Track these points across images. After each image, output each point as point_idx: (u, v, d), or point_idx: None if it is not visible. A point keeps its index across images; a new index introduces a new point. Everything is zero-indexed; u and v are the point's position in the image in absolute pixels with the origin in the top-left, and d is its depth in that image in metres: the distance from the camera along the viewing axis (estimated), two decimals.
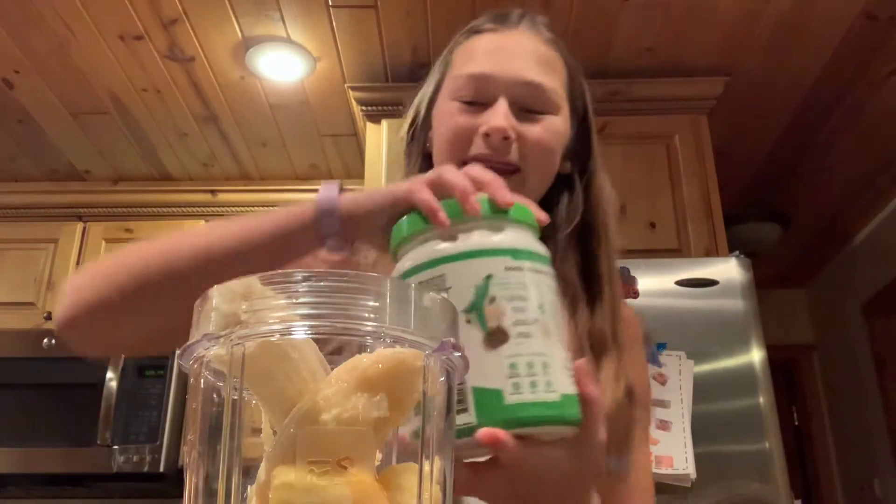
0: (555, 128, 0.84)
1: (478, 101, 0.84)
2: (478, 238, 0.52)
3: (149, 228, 3.06)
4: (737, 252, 2.21)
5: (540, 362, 0.49)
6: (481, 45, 0.88)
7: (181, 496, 0.38)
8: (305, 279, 0.38)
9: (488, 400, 0.47)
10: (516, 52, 0.86)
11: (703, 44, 2.50)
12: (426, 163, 0.90)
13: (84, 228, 3.07)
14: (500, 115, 0.82)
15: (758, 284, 2.14)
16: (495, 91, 0.84)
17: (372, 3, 2.33)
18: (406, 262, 0.54)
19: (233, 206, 3.11)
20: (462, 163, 0.81)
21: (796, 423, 4.18)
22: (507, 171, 0.81)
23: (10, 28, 2.40)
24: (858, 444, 3.81)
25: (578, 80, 0.91)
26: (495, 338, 0.48)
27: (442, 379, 0.41)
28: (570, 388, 0.50)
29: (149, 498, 2.79)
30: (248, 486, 0.38)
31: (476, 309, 0.49)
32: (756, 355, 2.03)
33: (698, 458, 1.88)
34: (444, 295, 0.48)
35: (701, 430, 1.91)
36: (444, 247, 0.52)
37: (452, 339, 0.40)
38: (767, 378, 2.03)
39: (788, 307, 4.24)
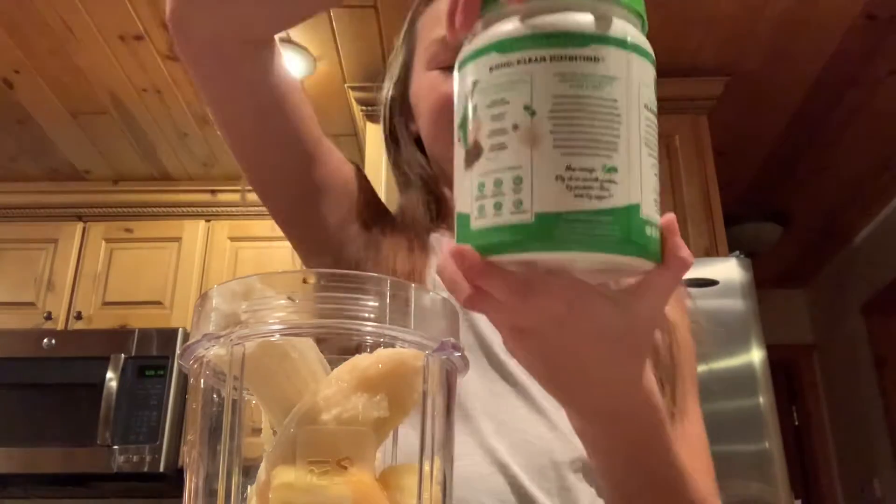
0: None
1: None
2: (479, 35, 0.43)
3: (149, 228, 3.06)
4: (737, 252, 2.21)
5: (511, 178, 0.39)
6: (441, 8, 0.81)
7: (181, 496, 0.39)
8: (305, 279, 0.38)
9: (461, 226, 0.41)
10: None
11: (703, 44, 2.50)
12: (420, 154, 0.87)
13: (84, 228, 3.07)
14: None
15: (758, 284, 2.14)
16: None
17: (372, 3, 2.33)
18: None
19: (233, 206, 3.11)
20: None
21: (796, 423, 4.18)
22: None
23: (10, 28, 2.40)
24: (858, 444, 3.81)
25: None
26: (471, 155, 0.41)
27: (442, 379, 0.41)
28: (555, 205, 0.39)
29: (149, 498, 2.79)
30: (248, 486, 0.38)
31: (463, 125, 0.42)
32: (756, 355, 2.03)
33: None
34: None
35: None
36: (461, 53, 0.44)
37: (452, 339, 0.40)
38: (767, 378, 2.03)
39: (788, 307, 4.24)
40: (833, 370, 4.10)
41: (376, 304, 0.38)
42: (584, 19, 0.42)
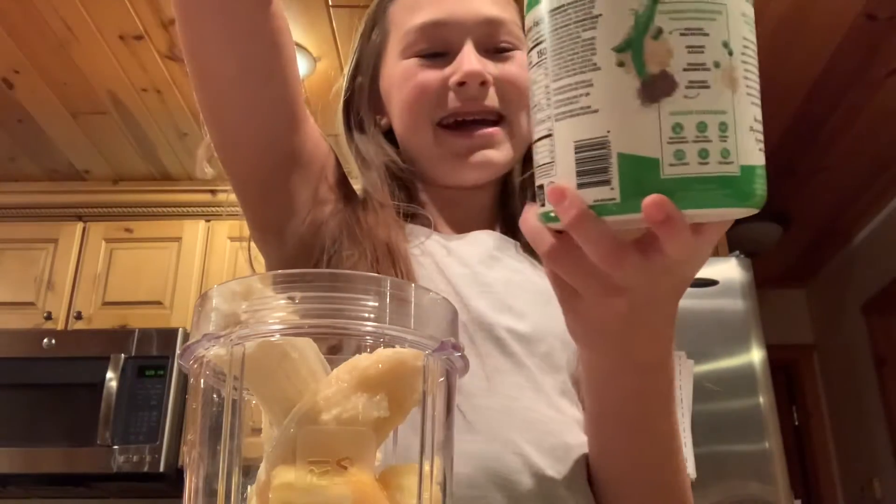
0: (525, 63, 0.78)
1: (437, 52, 0.75)
2: None
3: (149, 228, 3.06)
4: (737, 252, 2.21)
5: (717, 122, 0.35)
6: None
7: (181, 496, 0.39)
8: (305, 279, 0.38)
9: (639, 171, 0.35)
10: None
11: None
12: (389, 145, 0.82)
13: (84, 228, 3.07)
14: (471, 59, 0.73)
15: (758, 284, 2.14)
16: (456, 36, 0.74)
17: (371, 3, 2.33)
18: None
19: (233, 206, 3.11)
20: (436, 125, 0.75)
21: (796, 423, 4.18)
22: (490, 122, 0.74)
23: (10, 28, 2.40)
24: (858, 444, 3.81)
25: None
26: (657, 87, 0.35)
27: (442, 379, 0.41)
28: (753, 158, 0.36)
29: (149, 498, 2.79)
30: (248, 486, 0.38)
31: (633, 47, 0.36)
32: (756, 355, 2.04)
33: (698, 458, 1.88)
34: (591, 28, 0.37)
35: (701, 430, 1.91)
36: None
37: (452, 339, 0.40)
38: (767, 378, 2.03)
39: (788, 307, 4.24)
40: (833, 370, 4.10)
41: (376, 304, 0.38)
42: None
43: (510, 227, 0.81)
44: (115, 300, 2.91)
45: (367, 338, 0.38)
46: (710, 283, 2.10)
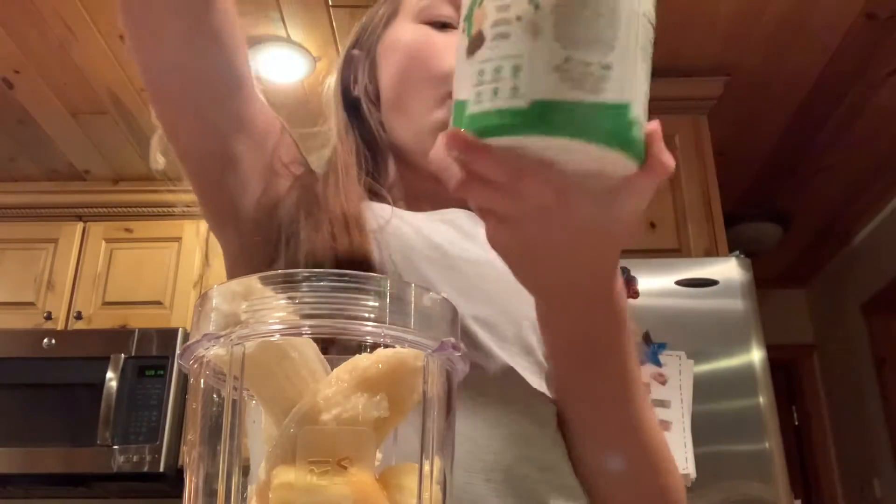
0: None
1: (452, 24, 0.75)
2: None
3: (149, 228, 3.06)
4: (737, 252, 2.21)
5: (511, 66, 0.40)
6: None
7: (181, 496, 0.39)
8: (305, 279, 0.38)
9: (458, 113, 0.42)
10: None
11: (703, 44, 2.50)
12: (365, 111, 0.81)
13: (84, 228, 3.07)
14: None
15: (758, 284, 2.14)
16: None
17: (372, 3, 2.33)
18: None
19: None
20: (431, 87, 0.74)
21: (796, 423, 4.18)
22: None
23: (10, 28, 2.40)
24: (858, 444, 3.81)
25: None
26: (473, 44, 0.42)
27: (442, 379, 0.41)
28: (552, 93, 0.40)
29: (149, 498, 2.79)
30: (248, 486, 0.38)
31: (469, 17, 0.43)
32: (756, 355, 2.04)
33: (698, 458, 1.88)
34: (463, 21, 0.43)
35: (701, 430, 1.91)
36: None
37: (452, 339, 0.40)
38: (767, 378, 2.03)
39: (788, 307, 4.24)
40: (833, 370, 4.10)
41: (376, 304, 0.38)
42: None
43: None
44: (115, 300, 2.91)
45: (367, 338, 0.38)
46: (710, 283, 2.10)
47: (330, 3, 2.33)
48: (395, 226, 0.71)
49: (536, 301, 0.54)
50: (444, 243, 0.71)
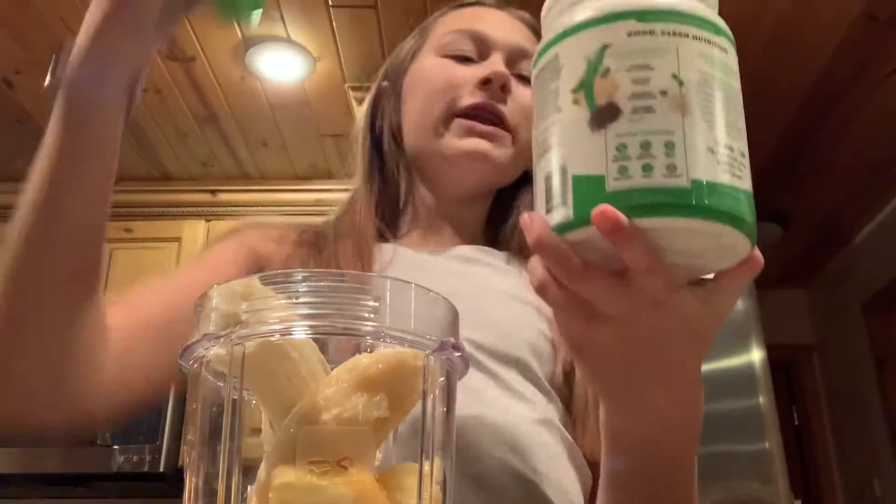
0: None
1: (470, 57, 0.81)
2: (597, 5, 0.42)
3: (149, 228, 3.06)
4: None
5: (662, 141, 0.38)
6: (470, 11, 0.86)
7: (181, 496, 0.38)
8: (305, 279, 0.38)
9: (588, 188, 0.38)
10: (506, 21, 0.84)
11: None
12: (387, 144, 0.85)
13: None
14: (500, 63, 0.79)
15: (758, 284, 2.14)
16: (491, 49, 0.81)
17: (372, 3, 2.33)
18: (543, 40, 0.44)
19: (233, 206, 3.11)
20: (450, 115, 0.78)
21: (796, 423, 4.18)
22: (499, 127, 0.78)
23: (11, 28, 2.40)
24: (858, 444, 3.81)
25: None
26: (603, 115, 0.39)
27: (442, 379, 0.41)
28: (711, 175, 0.39)
29: (149, 498, 2.79)
30: (248, 486, 0.38)
31: (585, 86, 0.40)
32: (756, 355, 2.04)
33: (698, 458, 1.88)
34: (556, 79, 0.41)
35: (701, 430, 1.90)
36: (562, 21, 0.43)
37: (452, 340, 0.40)
38: (767, 378, 2.03)
39: (788, 307, 4.24)
40: (833, 370, 4.10)
41: (376, 304, 0.38)
42: (713, 14, 0.45)
43: (500, 243, 0.83)
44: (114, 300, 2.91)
45: (367, 338, 0.38)
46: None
47: (330, 3, 2.33)
48: (400, 265, 0.75)
49: (607, 405, 0.47)
50: (446, 276, 0.74)
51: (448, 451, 0.41)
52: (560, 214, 0.39)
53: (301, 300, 0.37)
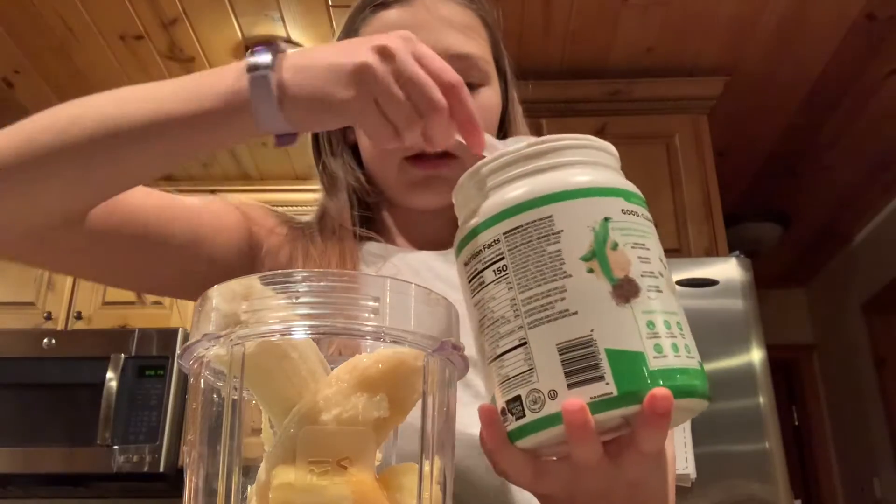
0: (489, 102, 0.77)
1: None
2: (589, 175, 0.43)
3: None
4: (737, 252, 2.21)
5: (675, 322, 0.40)
6: (391, 20, 0.77)
7: (181, 496, 0.38)
8: (305, 279, 0.38)
9: (629, 364, 0.38)
10: (433, 24, 0.75)
11: (703, 44, 2.50)
12: (355, 164, 0.83)
13: None
14: None
15: (758, 284, 2.14)
16: None
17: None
18: (494, 201, 0.44)
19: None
20: (399, 160, 0.75)
21: (796, 423, 4.18)
22: (442, 158, 0.74)
23: (10, 28, 2.40)
24: (858, 444, 3.81)
25: (498, 40, 0.82)
26: (626, 290, 0.40)
27: (442, 379, 0.41)
28: (702, 357, 0.42)
29: (149, 498, 2.79)
30: (248, 486, 0.38)
31: (598, 256, 0.40)
32: (756, 355, 2.03)
33: (698, 458, 1.88)
34: (555, 242, 0.41)
35: (701, 430, 1.90)
36: (550, 182, 0.43)
37: (452, 340, 0.40)
38: (767, 378, 2.03)
39: (788, 307, 4.24)
40: (833, 370, 4.10)
41: (376, 304, 0.38)
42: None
43: None
44: (114, 300, 2.91)
45: (367, 338, 0.38)
46: (711, 283, 2.10)
47: (330, 3, 2.33)
48: (389, 270, 0.73)
49: None
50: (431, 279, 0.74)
51: (448, 451, 0.41)
52: (597, 389, 0.38)
53: (301, 300, 0.37)
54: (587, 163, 0.44)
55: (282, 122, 0.55)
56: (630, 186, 0.45)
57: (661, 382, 0.38)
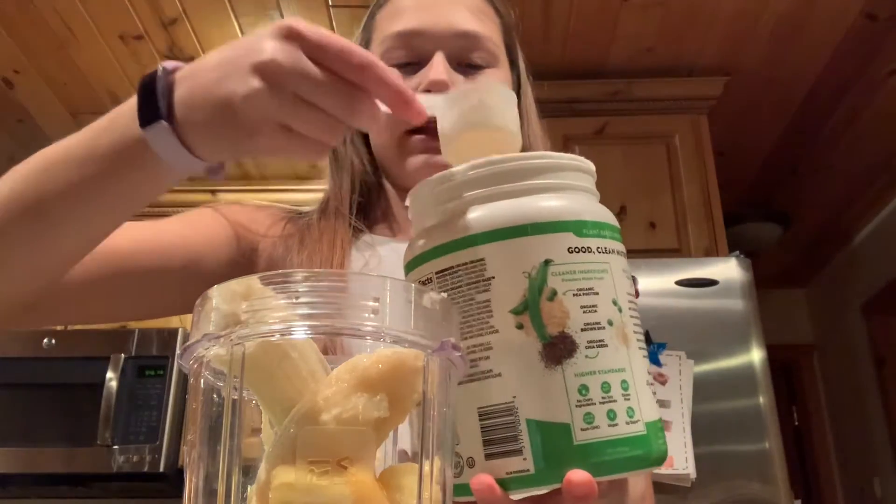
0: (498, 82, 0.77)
1: (411, 62, 0.76)
2: (536, 205, 0.37)
3: None
4: (737, 252, 2.21)
5: (619, 381, 0.36)
6: (404, 3, 0.80)
7: (181, 496, 0.38)
8: (305, 279, 0.38)
9: (551, 438, 0.35)
10: (445, 3, 0.77)
11: (703, 44, 2.50)
12: (363, 146, 0.84)
13: None
14: (438, 69, 0.73)
15: (758, 284, 2.14)
16: (429, 46, 0.75)
17: (370, 3, 2.33)
18: (438, 227, 0.39)
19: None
20: (404, 134, 0.75)
21: (796, 423, 4.18)
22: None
23: (10, 28, 2.40)
24: (858, 444, 3.81)
25: (511, 29, 0.83)
26: (558, 349, 0.35)
27: (442, 379, 0.41)
28: (654, 413, 0.37)
29: (149, 498, 2.79)
30: (248, 486, 0.38)
31: (530, 309, 0.36)
32: (756, 355, 2.03)
33: (698, 458, 1.88)
34: (485, 290, 0.36)
35: (701, 430, 1.90)
36: (479, 216, 0.37)
37: (452, 339, 0.40)
38: (767, 378, 2.03)
39: (788, 307, 4.24)
40: (833, 370, 4.10)
41: (376, 304, 0.38)
42: (612, 215, 0.41)
43: None
44: None
45: (367, 338, 0.38)
46: (710, 283, 2.10)
47: (330, 4, 2.33)
48: (386, 257, 0.73)
49: None
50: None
51: (448, 451, 0.41)
52: (514, 464, 0.35)
53: (301, 300, 0.37)
54: (539, 189, 0.38)
55: (178, 145, 0.48)
56: (588, 212, 0.38)
57: (587, 460, 0.34)
